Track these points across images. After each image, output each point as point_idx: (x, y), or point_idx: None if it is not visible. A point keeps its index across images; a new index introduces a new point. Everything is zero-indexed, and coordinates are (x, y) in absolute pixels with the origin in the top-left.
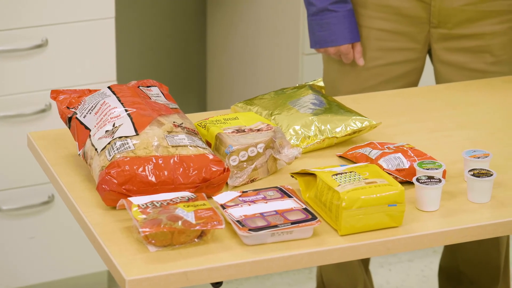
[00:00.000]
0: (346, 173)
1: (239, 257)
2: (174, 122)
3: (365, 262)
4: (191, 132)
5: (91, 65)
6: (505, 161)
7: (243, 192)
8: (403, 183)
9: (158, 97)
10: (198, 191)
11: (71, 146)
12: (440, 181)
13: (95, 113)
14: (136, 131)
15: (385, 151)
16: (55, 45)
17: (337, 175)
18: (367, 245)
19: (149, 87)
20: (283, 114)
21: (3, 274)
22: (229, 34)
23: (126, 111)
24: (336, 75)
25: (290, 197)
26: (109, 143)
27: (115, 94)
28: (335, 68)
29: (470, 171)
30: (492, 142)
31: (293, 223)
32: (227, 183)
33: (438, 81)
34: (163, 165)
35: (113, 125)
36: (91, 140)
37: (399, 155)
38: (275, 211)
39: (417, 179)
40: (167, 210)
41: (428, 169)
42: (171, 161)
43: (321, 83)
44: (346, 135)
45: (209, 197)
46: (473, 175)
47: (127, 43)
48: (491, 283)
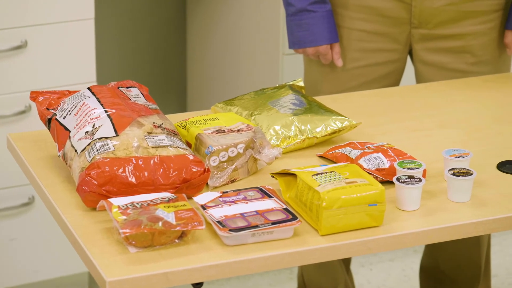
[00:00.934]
0: (326, 173)
1: (219, 258)
2: (154, 123)
3: (346, 262)
4: (171, 132)
5: (70, 66)
6: (485, 160)
7: (224, 192)
8: (383, 182)
9: (138, 97)
10: (178, 192)
11: (51, 147)
12: (420, 180)
13: (75, 114)
14: (116, 132)
15: (365, 150)
16: (35, 46)
17: (317, 175)
18: (348, 245)
19: (129, 88)
20: (263, 114)
21: None
22: (209, 34)
23: (106, 112)
24: (317, 76)
25: (270, 197)
26: (89, 144)
27: (94, 95)
28: (316, 69)
29: (450, 170)
30: (472, 141)
31: (273, 223)
32: (207, 183)
33: (419, 81)
34: (143, 166)
35: (93, 126)
36: (71, 141)
37: (379, 154)
38: (255, 211)
39: (397, 179)
40: (147, 211)
41: (408, 169)
42: (151, 162)
43: (301, 83)
44: (326, 135)
45: (190, 197)
46: (453, 174)
47: (106, 44)
48: (472, 282)
